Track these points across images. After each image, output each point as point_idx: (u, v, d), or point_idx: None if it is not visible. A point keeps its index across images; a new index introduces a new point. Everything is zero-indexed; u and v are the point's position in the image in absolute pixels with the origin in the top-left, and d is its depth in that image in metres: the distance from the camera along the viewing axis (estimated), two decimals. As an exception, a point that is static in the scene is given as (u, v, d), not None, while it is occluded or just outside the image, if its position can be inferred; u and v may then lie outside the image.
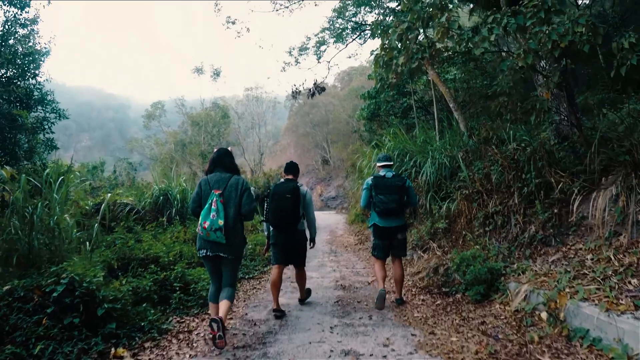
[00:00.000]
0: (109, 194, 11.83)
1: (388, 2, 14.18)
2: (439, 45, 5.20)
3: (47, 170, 5.67)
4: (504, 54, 7.52)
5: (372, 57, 7.20)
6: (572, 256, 4.95)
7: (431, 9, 4.82)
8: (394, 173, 5.39)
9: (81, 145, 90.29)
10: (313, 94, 14.86)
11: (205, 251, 3.90)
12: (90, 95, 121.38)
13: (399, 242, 5.38)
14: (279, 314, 4.96)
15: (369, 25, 14.61)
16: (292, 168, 5.24)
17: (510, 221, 6.38)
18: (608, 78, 4.66)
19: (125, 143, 24.14)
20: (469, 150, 8.28)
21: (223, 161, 4.09)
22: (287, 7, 15.91)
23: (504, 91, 6.02)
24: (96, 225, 6.09)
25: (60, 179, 5.37)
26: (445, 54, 15.01)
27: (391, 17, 13.79)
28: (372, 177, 5.45)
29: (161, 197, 10.34)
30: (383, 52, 5.45)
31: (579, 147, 6.11)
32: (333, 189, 36.20)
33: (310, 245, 5.35)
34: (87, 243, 5.66)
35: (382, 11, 14.81)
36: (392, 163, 5.66)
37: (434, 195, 8.74)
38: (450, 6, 7.33)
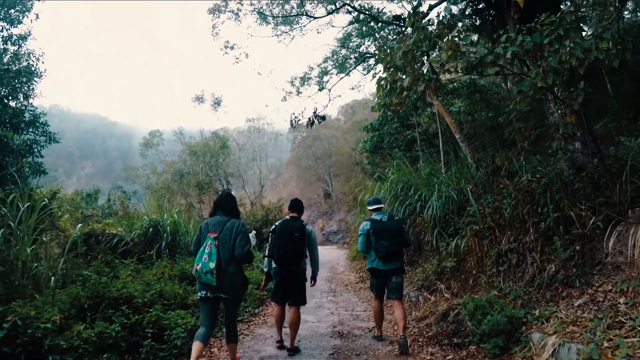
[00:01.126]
0: (99, 224, 11.33)
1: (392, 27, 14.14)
2: (447, 65, 4.72)
3: (13, 196, 5.12)
4: (510, 75, 7.12)
5: (375, 79, 6.79)
6: (602, 300, 4.35)
7: (438, 28, 4.42)
8: (388, 215, 5.42)
9: (84, 173, 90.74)
10: (312, 123, 14.48)
11: (205, 292, 3.93)
12: (95, 122, 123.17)
13: (397, 284, 5.28)
14: (282, 345, 5.24)
15: (373, 53, 14.49)
16: (296, 205, 5.29)
17: (526, 260, 5.76)
18: (618, 105, 4.31)
19: (126, 171, 23.80)
20: (478, 182, 7.73)
21: (224, 205, 4.20)
22: (287, 33, 15.81)
23: (520, 116, 5.53)
24: (63, 258, 5.46)
25: (26, 206, 4.82)
26: (451, 86, 14.98)
27: (395, 38, 13.69)
28: (368, 221, 5.41)
29: (151, 229, 9.75)
30: (386, 73, 5.01)
31: (597, 178, 5.56)
32: (335, 223, 35.53)
33: (311, 283, 5.33)
34: (53, 278, 5.01)
35: (386, 34, 14.71)
36: (382, 205, 5.69)
37: (441, 231, 8.13)
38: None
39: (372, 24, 14.11)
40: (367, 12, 14.15)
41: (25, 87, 9.53)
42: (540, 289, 5.22)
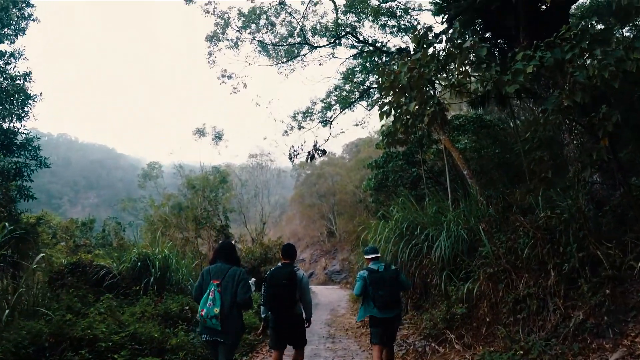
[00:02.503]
0: (89, 254, 10.84)
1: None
2: (456, 90, 4.34)
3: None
4: (522, 103, 6.75)
5: (380, 110, 6.41)
6: (641, 352, 3.71)
7: (447, 49, 4.10)
8: (384, 264, 5.49)
9: (88, 202, 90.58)
10: (312, 157, 14.10)
11: (205, 336, 4.16)
12: (101, 153, 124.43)
13: (392, 332, 5.44)
14: None
15: (376, 79, 14.33)
16: (288, 252, 5.33)
17: (547, 306, 5.17)
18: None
19: (123, 202, 23.39)
20: (491, 220, 7.17)
21: (225, 253, 4.43)
22: (288, 63, 15.73)
23: (542, 143, 5.07)
24: (20, 290, 4.90)
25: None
26: (456, 122, 14.76)
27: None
28: (366, 270, 5.47)
29: (139, 263, 9.20)
30: (390, 97, 4.64)
31: (622, 212, 5.02)
32: (338, 263, 34.60)
33: (306, 324, 5.28)
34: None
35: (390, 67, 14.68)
36: (380, 255, 5.78)
37: (450, 274, 7.52)
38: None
39: (375, 58, 14.04)
40: (370, 43, 14.14)
41: (19, 109, 9.32)
42: (566, 340, 4.57)
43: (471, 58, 4.15)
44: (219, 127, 24.30)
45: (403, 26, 13.63)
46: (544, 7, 6.31)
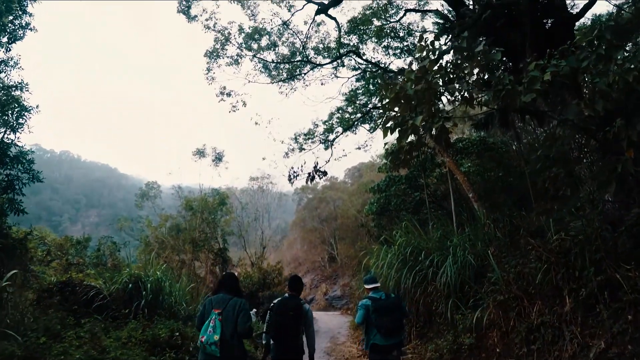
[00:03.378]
0: (80, 273, 10.51)
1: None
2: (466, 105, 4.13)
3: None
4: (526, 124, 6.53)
5: (383, 120, 6.19)
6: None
7: (455, 59, 3.92)
8: (384, 293, 5.58)
9: (89, 221, 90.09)
10: (313, 179, 13.78)
11: None
12: (103, 172, 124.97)
13: (394, 358, 5.36)
14: None
15: (379, 102, 14.19)
16: (296, 284, 5.40)
17: (563, 335, 4.79)
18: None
19: (119, 222, 23.00)
20: (501, 244, 6.83)
21: (228, 285, 4.64)
22: (287, 82, 15.61)
23: (559, 157, 4.79)
24: None
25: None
26: (460, 145, 14.59)
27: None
28: (368, 299, 5.52)
29: (130, 285, 8.82)
30: (395, 110, 4.42)
31: (637, 232, 4.69)
32: (339, 288, 33.85)
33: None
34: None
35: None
36: (379, 284, 5.89)
37: (456, 302, 7.13)
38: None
39: (378, 80, 13.99)
40: (373, 63, 14.11)
41: (13, 120, 9.14)
42: (585, 373, 4.17)
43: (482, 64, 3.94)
44: (219, 148, 23.99)
45: (406, 48, 13.63)
46: (549, 24, 6.22)
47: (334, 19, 13.59)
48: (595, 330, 4.40)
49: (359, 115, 15.96)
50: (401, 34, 13.73)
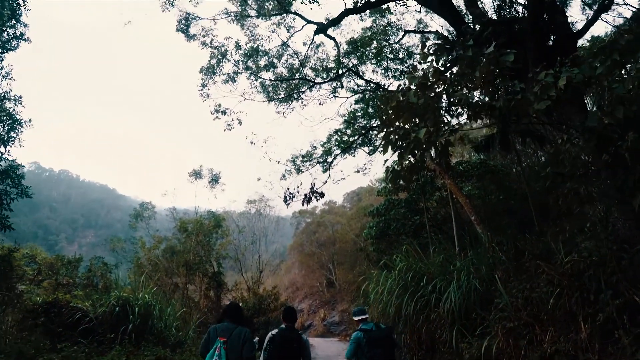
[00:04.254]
0: (68, 294, 10.18)
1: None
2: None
3: None
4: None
5: (383, 134, 5.94)
6: None
7: (460, 68, 3.75)
8: (374, 324, 5.63)
9: (86, 241, 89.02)
10: (309, 200, 13.45)
11: None
12: (102, 193, 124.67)
13: None
14: None
15: (378, 120, 14.02)
16: (292, 315, 5.48)
17: (580, 363, 4.40)
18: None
19: (112, 242, 22.48)
20: (508, 268, 6.53)
21: (232, 314, 4.83)
22: (285, 102, 15.43)
23: (573, 174, 4.55)
24: None
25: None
26: (460, 167, 14.46)
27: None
28: (360, 332, 5.52)
29: (117, 308, 8.43)
30: (396, 120, 4.22)
31: None
32: (337, 314, 33.15)
33: None
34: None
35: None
36: (368, 316, 6.01)
37: (462, 330, 6.75)
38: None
39: (377, 102, 13.94)
40: (373, 82, 14.08)
41: (3, 132, 8.94)
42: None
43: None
44: (216, 169, 23.85)
45: (406, 69, 13.64)
46: (551, 42, 6.17)
47: (333, 39, 13.67)
48: (615, 357, 4.12)
49: (358, 137, 15.84)
50: (401, 56, 13.79)
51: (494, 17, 9.18)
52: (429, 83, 3.80)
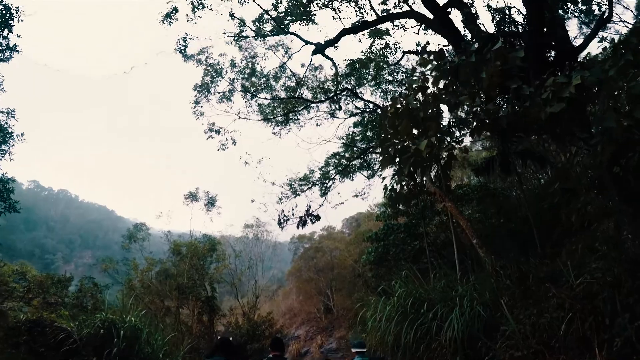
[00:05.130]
0: (52, 314, 9.84)
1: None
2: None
3: None
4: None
5: (381, 148, 5.73)
6: None
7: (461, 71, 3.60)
8: (369, 357, 5.95)
9: (82, 262, 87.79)
10: (304, 223, 13.16)
11: None
12: (100, 214, 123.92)
13: None
14: None
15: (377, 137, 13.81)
16: (278, 345, 5.76)
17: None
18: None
19: (104, 262, 21.94)
20: (515, 293, 6.24)
21: (223, 348, 4.99)
22: (282, 125, 15.27)
23: (592, 185, 4.34)
24: None
25: None
26: (460, 191, 14.30)
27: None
28: None
29: (102, 330, 8.06)
30: (395, 124, 4.03)
31: None
32: (335, 341, 32.39)
33: None
34: None
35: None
36: (366, 349, 6.14)
37: (465, 359, 6.37)
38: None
39: (376, 125, 13.90)
40: (373, 102, 14.06)
41: None
42: None
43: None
44: (212, 191, 23.46)
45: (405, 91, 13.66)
46: (551, 57, 6.13)
47: (331, 59, 13.71)
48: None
49: (356, 159, 15.74)
50: (399, 77, 13.85)
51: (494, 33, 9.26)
52: (429, 85, 3.64)
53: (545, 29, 6.59)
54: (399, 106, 3.84)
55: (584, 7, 9.58)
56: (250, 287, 31.13)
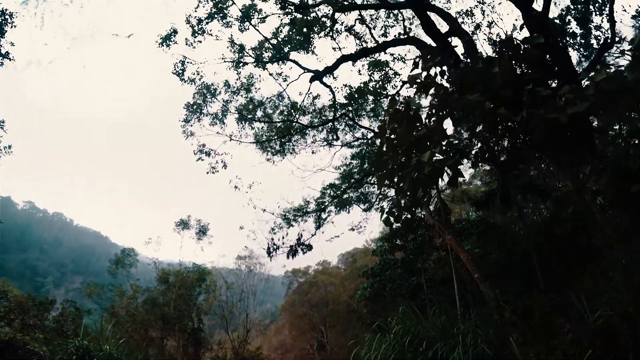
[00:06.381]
0: (27, 336, 9.35)
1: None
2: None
3: None
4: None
5: (377, 165, 5.47)
6: None
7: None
8: None
9: (73, 286, 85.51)
10: (295, 253, 12.66)
11: None
12: (94, 240, 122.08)
13: None
14: None
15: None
16: None
17: None
18: None
19: (89, 287, 21.07)
20: (521, 329, 5.84)
21: None
22: (278, 154, 14.97)
23: (602, 208, 4.05)
24: None
25: None
26: (459, 226, 14.05)
27: None
28: None
29: (75, 357, 7.57)
30: (393, 125, 3.76)
31: None
32: (328, 379, 30.89)
33: None
34: None
35: None
36: None
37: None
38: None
39: (373, 157, 13.75)
40: (369, 129, 13.96)
41: None
42: None
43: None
44: (204, 220, 22.89)
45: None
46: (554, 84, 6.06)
47: (329, 87, 13.66)
48: None
49: (351, 189, 15.51)
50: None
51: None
52: (431, 84, 3.41)
53: (548, 55, 6.57)
54: (398, 107, 3.58)
55: (582, 41, 9.73)
56: (242, 320, 30.15)
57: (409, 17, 12.84)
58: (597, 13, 9.70)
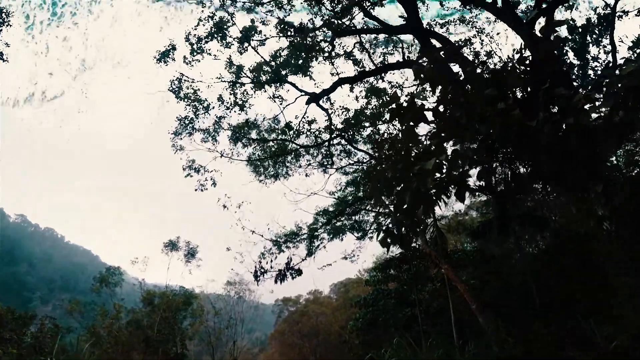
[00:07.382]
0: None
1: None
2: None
3: None
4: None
5: (371, 178, 5.27)
6: None
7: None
8: None
9: (60, 304, 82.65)
10: (284, 278, 12.21)
11: None
12: (85, 258, 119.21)
13: None
14: None
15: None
16: None
17: None
18: None
19: (70, 304, 20.24)
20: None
21: None
22: (271, 178, 14.70)
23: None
24: None
25: None
26: (455, 256, 13.81)
27: None
28: None
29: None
30: (394, 121, 3.60)
31: None
32: (318, 413, 29.67)
33: None
34: None
35: None
36: None
37: None
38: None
39: (368, 188, 13.64)
40: (365, 151, 13.83)
41: None
42: None
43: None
44: (193, 242, 22.29)
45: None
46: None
47: (326, 110, 13.53)
48: None
49: (347, 222, 15.31)
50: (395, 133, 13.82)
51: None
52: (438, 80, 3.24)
53: (548, 81, 6.57)
54: (401, 102, 3.27)
55: (580, 72, 9.82)
56: (229, 348, 29.15)
57: (408, 45, 12.96)
58: (594, 44, 9.88)
